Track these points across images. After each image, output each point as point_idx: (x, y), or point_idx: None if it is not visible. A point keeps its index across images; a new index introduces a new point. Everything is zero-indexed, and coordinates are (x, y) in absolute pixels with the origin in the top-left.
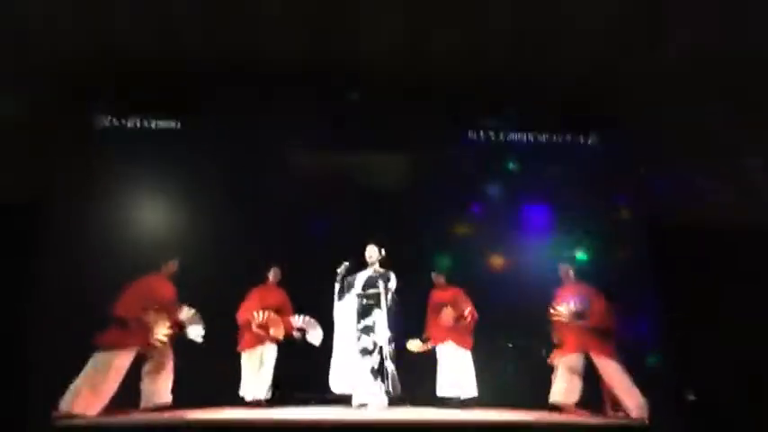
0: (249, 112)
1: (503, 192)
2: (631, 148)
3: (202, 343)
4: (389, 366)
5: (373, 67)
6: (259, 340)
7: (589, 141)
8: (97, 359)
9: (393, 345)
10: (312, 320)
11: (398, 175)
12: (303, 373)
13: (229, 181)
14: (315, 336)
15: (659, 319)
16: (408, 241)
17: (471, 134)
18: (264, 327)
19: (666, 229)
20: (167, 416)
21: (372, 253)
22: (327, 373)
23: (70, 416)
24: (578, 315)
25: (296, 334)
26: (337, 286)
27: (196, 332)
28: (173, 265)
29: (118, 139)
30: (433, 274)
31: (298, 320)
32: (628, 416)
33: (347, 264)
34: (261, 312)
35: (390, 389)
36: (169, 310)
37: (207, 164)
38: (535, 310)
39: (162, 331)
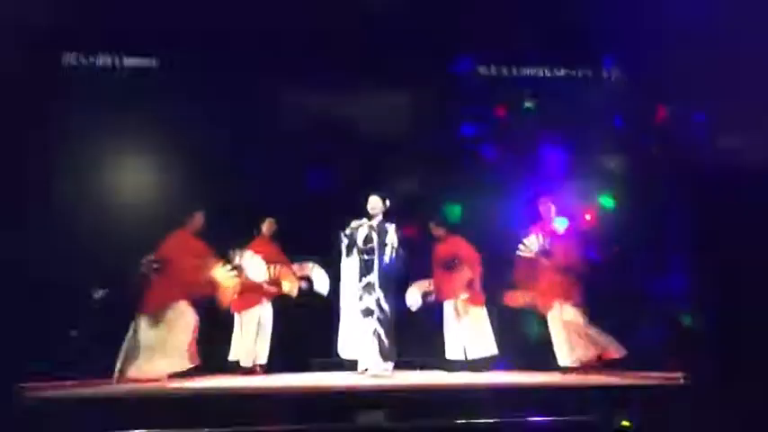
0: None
1: (516, 132)
2: (659, 81)
3: None
4: (380, 329)
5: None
6: (257, 299)
7: (612, 77)
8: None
9: (389, 304)
10: (317, 267)
11: (401, 117)
12: (302, 335)
13: (213, 125)
14: (322, 284)
15: (695, 275)
16: (414, 190)
17: (483, 69)
18: (277, 282)
19: (702, 172)
20: (147, 387)
21: (375, 204)
22: (329, 336)
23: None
24: (545, 252)
25: (302, 284)
26: (345, 241)
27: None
28: (199, 219)
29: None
30: (432, 225)
31: (305, 268)
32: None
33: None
34: (273, 266)
35: (385, 353)
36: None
37: (187, 108)
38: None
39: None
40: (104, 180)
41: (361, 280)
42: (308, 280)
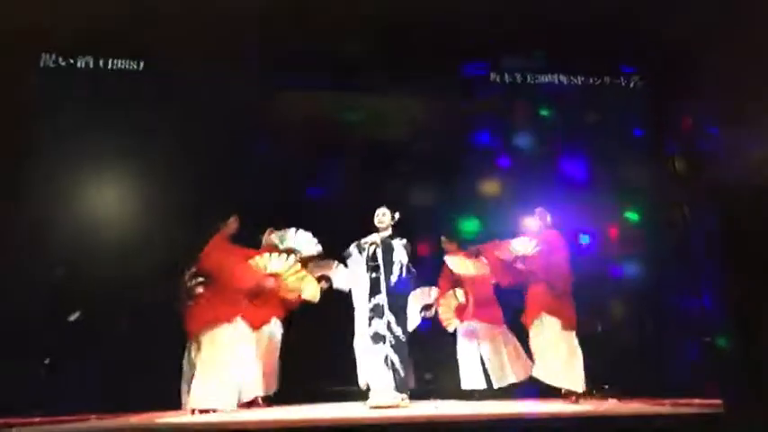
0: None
1: (535, 142)
2: (683, 91)
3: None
4: (394, 356)
5: None
6: (267, 315)
7: (632, 84)
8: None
9: (401, 328)
10: (331, 261)
11: (412, 124)
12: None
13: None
14: (342, 279)
15: (725, 294)
16: (425, 203)
17: (495, 77)
18: (295, 290)
19: (732, 186)
20: (121, 421)
21: (383, 218)
22: (336, 359)
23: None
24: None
25: (322, 285)
26: (354, 251)
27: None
28: (234, 223)
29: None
30: (443, 240)
31: (326, 266)
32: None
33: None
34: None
35: (400, 383)
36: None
37: (173, 112)
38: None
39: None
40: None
41: (369, 301)
42: (328, 280)
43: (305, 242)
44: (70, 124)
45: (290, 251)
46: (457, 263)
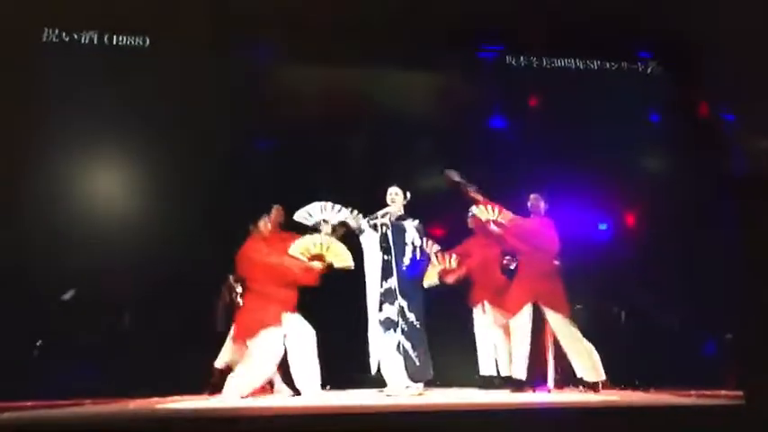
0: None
1: (550, 127)
2: (700, 77)
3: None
4: (406, 343)
5: None
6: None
7: (649, 69)
8: None
9: (415, 314)
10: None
11: (427, 104)
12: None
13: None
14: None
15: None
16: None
17: (510, 59)
18: (343, 263)
19: (750, 174)
20: (119, 406)
21: (396, 197)
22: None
23: None
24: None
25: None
26: (366, 227)
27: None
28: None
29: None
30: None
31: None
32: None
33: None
34: (319, 241)
35: (413, 372)
36: None
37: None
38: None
39: None
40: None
41: (381, 285)
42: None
43: (331, 211)
44: (73, 101)
45: (335, 228)
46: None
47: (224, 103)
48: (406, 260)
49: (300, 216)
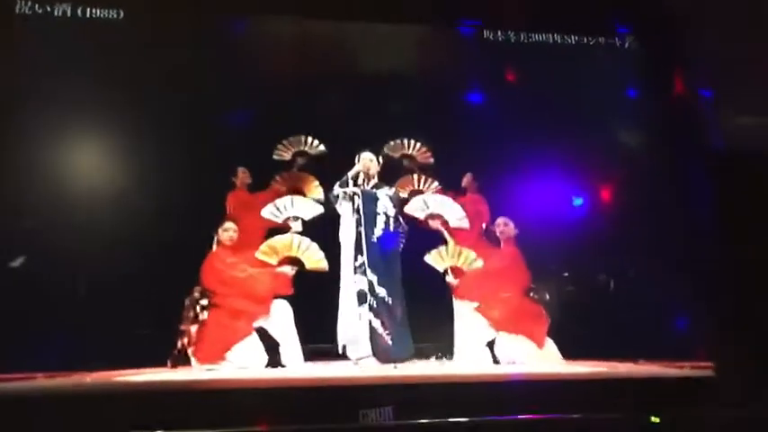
0: None
1: (526, 101)
2: (677, 53)
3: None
4: (375, 321)
5: None
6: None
7: (626, 44)
8: None
9: (387, 290)
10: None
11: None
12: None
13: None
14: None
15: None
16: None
17: (488, 34)
18: (315, 265)
19: (726, 150)
20: (75, 380)
21: (370, 164)
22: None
23: None
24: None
25: None
26: (340, 194)
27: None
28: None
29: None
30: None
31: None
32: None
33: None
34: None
35: (381, 351)
36: None
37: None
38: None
39: None
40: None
41: (356, 257)
42: None
43: (305, 206)
44: (47, 74)
45: (288, 222)
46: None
47: (200, 74)
48: (378, 231)
49: (268, 212)
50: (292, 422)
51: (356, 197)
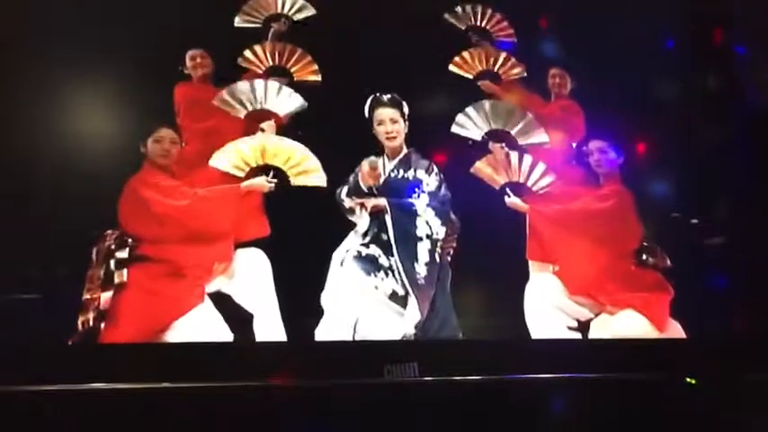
0: None
1: (560, 53)
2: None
3: None
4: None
5: None
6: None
7: None
8: None
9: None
10: None
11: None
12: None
13: None
14: None
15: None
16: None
17: None
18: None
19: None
20: None
21: (394, 126)
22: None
23: None
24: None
25: None
26: (349, 204)
27: None
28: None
29: None
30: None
31: None
32: None
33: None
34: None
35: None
36: None
37: None
38: None
39: None
40: None
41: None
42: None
43: (281, 96)
44: None
45: (261, 117)
46: None
47: None
48: (420, 268)
49: (220, 101)
50: (316, 377)
51: (386, 216)
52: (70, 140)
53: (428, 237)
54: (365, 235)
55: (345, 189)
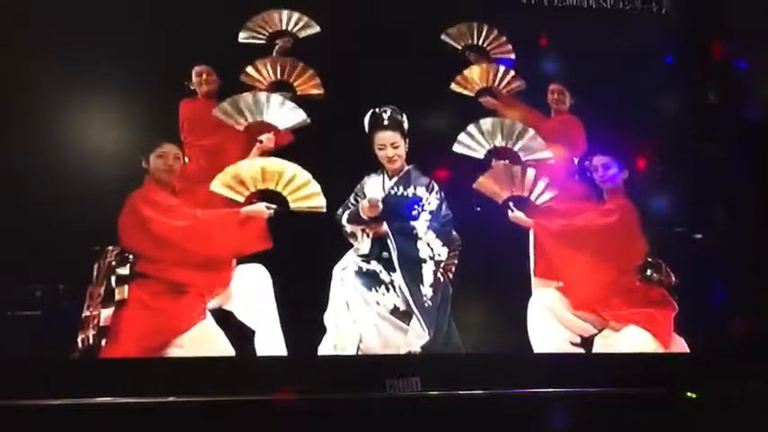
0: None
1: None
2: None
3: None
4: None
5: None
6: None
7: (663, 10)
8: None
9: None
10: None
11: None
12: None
13: None
14: None
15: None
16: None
17: None
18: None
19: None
20: None
21: (395, 151)
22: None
23: None
24: None
25: None
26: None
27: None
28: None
29: None
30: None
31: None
32: None
33: None
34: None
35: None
36: None
37: None
38: None
39: None
40: None
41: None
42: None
43: (282, 109)
44: None
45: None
46: None
47: None
48: (426, 290)
49: (220, 112)
50: (318, 391)
51: (387, 240)
52: (73, 154)
53: (431, 258)
54: (366, 254)
55: (347, 215)
